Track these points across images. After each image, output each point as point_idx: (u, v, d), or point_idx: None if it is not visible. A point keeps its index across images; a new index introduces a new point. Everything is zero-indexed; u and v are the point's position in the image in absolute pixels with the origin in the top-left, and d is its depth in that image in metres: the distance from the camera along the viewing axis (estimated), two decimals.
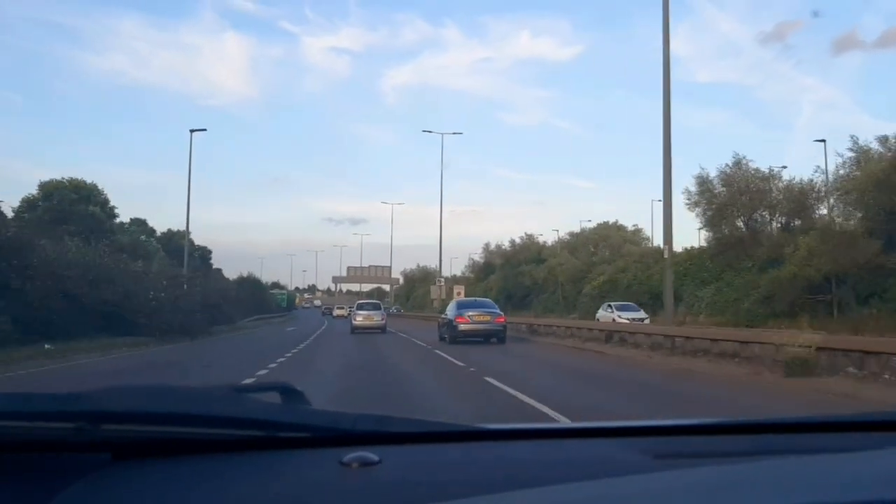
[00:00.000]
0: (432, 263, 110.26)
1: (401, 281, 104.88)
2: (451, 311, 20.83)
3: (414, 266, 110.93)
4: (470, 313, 19.66)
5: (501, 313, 20.63)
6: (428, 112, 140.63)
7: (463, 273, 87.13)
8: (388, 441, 1.24)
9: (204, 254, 62.91)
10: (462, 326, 19.21)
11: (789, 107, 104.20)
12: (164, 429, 1.14)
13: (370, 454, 1.12)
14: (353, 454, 1.12)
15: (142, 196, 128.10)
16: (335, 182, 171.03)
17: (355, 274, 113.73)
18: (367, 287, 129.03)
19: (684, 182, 44.48)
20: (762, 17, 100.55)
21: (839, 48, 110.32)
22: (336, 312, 62.83)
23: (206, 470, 1.12)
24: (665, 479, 0.96)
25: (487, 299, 25.32)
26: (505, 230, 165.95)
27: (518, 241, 66.80)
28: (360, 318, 27.22)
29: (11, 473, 1.09)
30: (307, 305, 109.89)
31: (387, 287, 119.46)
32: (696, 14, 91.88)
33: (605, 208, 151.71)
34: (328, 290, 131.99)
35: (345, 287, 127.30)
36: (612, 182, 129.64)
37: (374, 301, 33.56)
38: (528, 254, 62.69)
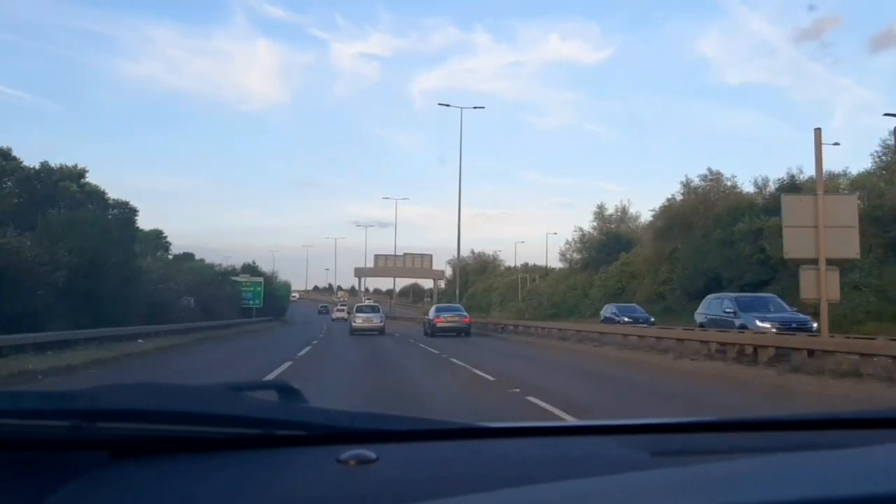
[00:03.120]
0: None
1: (447, 273, 75.72)
2: (431, 313, 29.53)
3: (467, 253, 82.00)
4: (444, 315, 28.19)
5: (467, 315, 29.17)
6: (456, 115, 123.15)
7: (565, 253, 58.62)
8: (385, 439, 1.24)
9: (125, 214, 34.79)
10: (438, 325, 27.42)
11: None
12: (161, 427, 1.13)
13: (367, 452, 1.13)
14: (350, 452, 1.12)
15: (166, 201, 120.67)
16: (363, 186, 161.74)
17: (384, 265, 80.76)
18: (402, 282, 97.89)
19: None
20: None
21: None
22: (336, 315, 56.67)
23: (204, 468, 1.11)
24: (662, 475, 0.95)
25: (458, 304, 33.70)
26: (532, 233, 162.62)
27: (699, 181, 36.86)
28: (360, 321, 29.78)
29: (7, 471, 1.08)
30: (294, 298, 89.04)
31: (428, 283, 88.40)
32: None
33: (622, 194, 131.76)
34: (352, 288, 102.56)
35: (371, 283, 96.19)
36: (640, 184, 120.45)
37: (373, 304, 34.37)
38: (732, 202, 32.97)
